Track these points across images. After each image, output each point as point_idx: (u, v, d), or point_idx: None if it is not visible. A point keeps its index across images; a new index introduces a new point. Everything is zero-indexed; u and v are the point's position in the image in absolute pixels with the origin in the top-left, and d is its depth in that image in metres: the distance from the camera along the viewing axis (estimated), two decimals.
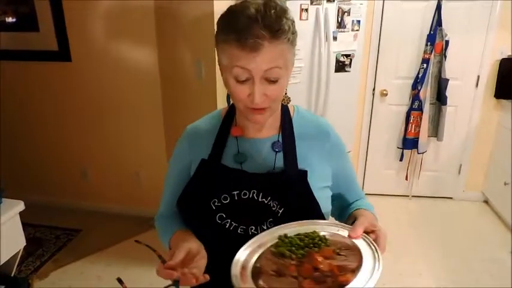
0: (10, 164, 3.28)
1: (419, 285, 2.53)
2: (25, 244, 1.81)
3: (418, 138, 3.34)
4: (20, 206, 1.70)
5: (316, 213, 0.91)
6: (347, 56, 2.67)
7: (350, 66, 2.70)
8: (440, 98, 3.28)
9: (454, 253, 2.85)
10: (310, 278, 0.70)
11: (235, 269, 0.74)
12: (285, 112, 0.98)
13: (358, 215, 0.92)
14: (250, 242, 0.81)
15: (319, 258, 0.72)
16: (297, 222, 0.85)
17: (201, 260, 0.83)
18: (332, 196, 1.01)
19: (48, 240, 2.97)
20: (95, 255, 2.78)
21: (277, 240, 0.81)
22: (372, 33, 3.29)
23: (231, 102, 0.96)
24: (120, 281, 0.79)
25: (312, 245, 0.78)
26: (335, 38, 2.59)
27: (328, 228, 0.84)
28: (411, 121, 3.32)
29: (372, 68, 3.39)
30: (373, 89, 3.44)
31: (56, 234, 3.04)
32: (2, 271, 1.86)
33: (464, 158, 3.53)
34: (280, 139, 0.96)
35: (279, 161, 0.94)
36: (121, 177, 3.20)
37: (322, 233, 0.82)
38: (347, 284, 0.67)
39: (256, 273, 0.75)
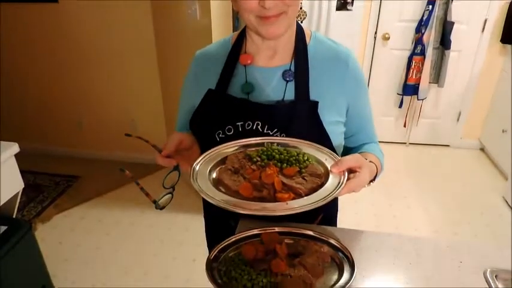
0: (6, 112, 3.23)
1: (412, 226, 2.60)
2: (23, 186, 1.81)
3: (418, 84, 3.28)
4: (15, 147, 1.67)
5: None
6: None
7: (352, 5, 2.57)
8: (444, 42, 3.18)
9: (448, 198, 2.91)
10: (250, 182, 0.74)
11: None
12: (300, 37, 0.91)
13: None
14: (241, 140, 0.84)
15: (270, 171, 0.74)
16: (297, 140, 0.84)
17: (194, 155, 0.84)
18: (344, 137, 0.96)
19: (48, 186, 3.00)
20: (94, 200, 2.83)
21: (263, 147, 0.83)
22: None
23: (240, 28, 0.90)
24: (122, 170, 0.84)
25: (285, 161, 0.79)
26: None
27: (318, 155, 0.82)
28: (413, 66, 3.23)
29: (375, 9, 3.23)
30: (375, 33, 3.31)
31: (56, 181, 3.07)
32: (3, 213, 1.88)
33: (464, 105, 3.50)
34: (292, 67, 0.89)
35: (290, 91, 0.88)
36: (117, 124, 3.17)
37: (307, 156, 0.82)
38: (280, 201, 0.70)
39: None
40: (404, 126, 3.57)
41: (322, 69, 0.90)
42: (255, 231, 0.93)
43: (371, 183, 0.87)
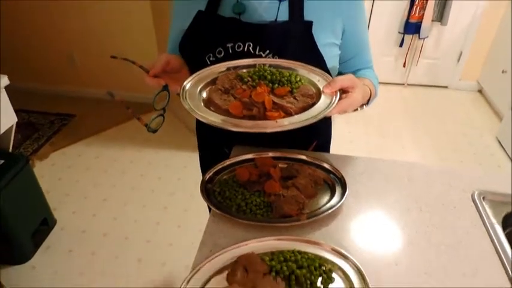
0: None
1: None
2: (16, 120, 1.80)
3: (421, 22, 3.16)
4: (4, 79, 1.64)
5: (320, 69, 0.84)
6: None
7: None
8: None
9: (442, 138, 2.94)
10: (240, 101, 0.73)
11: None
12: None
13: None
14: (233, 62, 0.82)
15: (260, 89, 0.73)
16: (290, 61, 0.82)
17: (183, 77, 0.81)
18: (339, 61, 0.94)
19: (42, 124, 2.99)
20: (91, 138, 2.83)
21: (254, 68, 0.81)
22: None
23: None
24: (111, 94, 0.82)
25: (277, 82, 0.78)
26: None
27: (310, 76, 0.81)
28: (416, 3, 3.10)
29: None
30: None
31: (50, 119, 3.05)
32: None
33: (466, 44, 3.40)
34: None
35: (283, 11, 0.84)
36: (110, 62, 3.07)
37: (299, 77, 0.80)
38: (270, 119, 0.70)
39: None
40: (404, 66, 3.50)
41: None
42: (249, 156, 0.94)
43: (364, 106, 0.86)
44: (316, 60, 0.85)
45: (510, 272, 0.70)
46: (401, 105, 3.37)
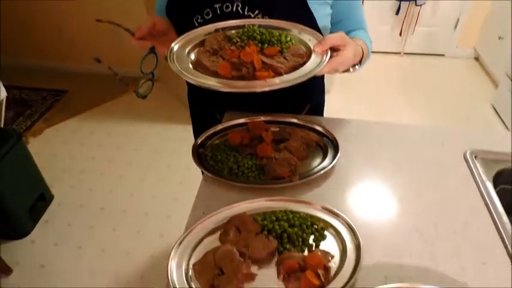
0: None
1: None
2: (6, 95, 1.77)
3: None
4: None
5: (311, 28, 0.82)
6: None
7: None
8: None
9: (437, 106, 2.93)
10: (229, 62, 0.72)
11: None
12: None
13: None
14: (221, 23, 0.80)
15: (249, 49, 0.72)
16: (280, 21, 0.80)
17: (170, 40, 0.80)
18: (331, 22, 0.91)
19: (34, 101, 2.95)
20: (85, 113, 2.80)
21: (243, 29, 0.79)
22: None
23: None
24: (98, 60, 0.84)
25: (267, 42, 0.76)
26: None
27: (301, 35, 0.79)
28: None
29: None
30: None
31: (42, 96, 3.00)
32: None
33: (463, 11, 3.34)
34: None
35: None
36: (100, 36, 3.01)
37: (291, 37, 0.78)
38: (259, 79, 0.69)
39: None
40: (400, 34, 3.44)
41: None
42: (241, 121, 0.93)
43: (356, 66, 0.85)
44: (307, 19, 0.83)
45: (500, 227, 0.71)
46: (398, 75, 3.33)
